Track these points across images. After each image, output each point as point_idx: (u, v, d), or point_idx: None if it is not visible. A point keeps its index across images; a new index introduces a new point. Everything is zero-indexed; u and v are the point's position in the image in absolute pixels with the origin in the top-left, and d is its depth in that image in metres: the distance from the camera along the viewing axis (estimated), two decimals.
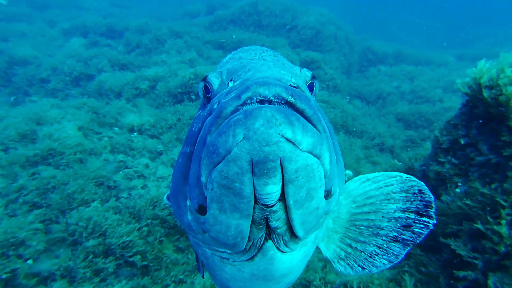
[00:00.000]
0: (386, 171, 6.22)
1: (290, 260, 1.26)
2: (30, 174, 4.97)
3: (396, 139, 8.00)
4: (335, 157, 1.07)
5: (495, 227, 3.01)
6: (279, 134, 0.79)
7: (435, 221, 1.40)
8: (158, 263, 4.77)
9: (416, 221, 1.41)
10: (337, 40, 13.44)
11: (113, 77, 8.52)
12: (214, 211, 1.00)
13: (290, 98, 0.87)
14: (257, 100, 0.87)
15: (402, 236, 1.40)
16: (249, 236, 1.07)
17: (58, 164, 5.47)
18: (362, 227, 1.45)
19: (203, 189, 0.99)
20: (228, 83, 1.08)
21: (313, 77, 1.18)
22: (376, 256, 1.43)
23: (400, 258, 1.39)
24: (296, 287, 4.12)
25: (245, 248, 1.13)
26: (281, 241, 1.14)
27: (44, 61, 9.00)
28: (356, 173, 7.27)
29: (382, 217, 1.43)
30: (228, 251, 1.22)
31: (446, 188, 3.90)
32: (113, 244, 4.55)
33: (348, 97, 10.79)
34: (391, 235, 1.41)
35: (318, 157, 0.90)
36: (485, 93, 3.45)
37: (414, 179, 1.48)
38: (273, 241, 1.14)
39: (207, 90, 1.17)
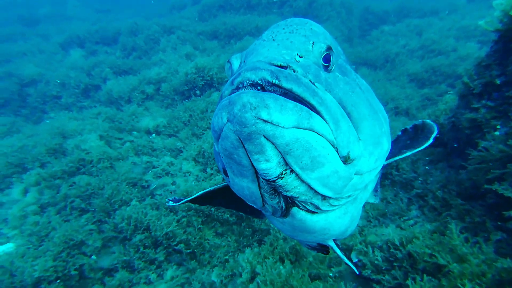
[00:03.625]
0: None
1: (325, 219, 1.42)
2: (70, 184, 5.60)
3: (411, 100, 8.23)
4: (349, 124, 1.17)
5: None
6: (254, 117, 0.93)
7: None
8: (202, 249, 5.35)
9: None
10: (333, 6, 13.47)
11: (118, 84, 9.09)
12: (230, 174, 1.23)
13: (274, 80, 1.02)
14: (248, 84, 1.04)
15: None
16: (265, 201, 1.26)
17: (90, 172, 6.09)
18: None
19: (220, 156, 1.22)
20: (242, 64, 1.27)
21: (328, 49, 1.26)
22: None
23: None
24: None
25: (264, 207, 1.32)
26: (309, 205, 1.29)
27: (50, 78, 9.68)
28: None
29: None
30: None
31: (483, 134, 3.94)
32: (159, 236, 5.13)
33: (354, 66, 11.06)
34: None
35: (310, 130, 1.02)
36: None
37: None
38: (298, 207, 1.31)
39: (232, 70, 1.36)
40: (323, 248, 2.04)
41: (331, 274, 4.06)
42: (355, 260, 3.85)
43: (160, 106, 9.04)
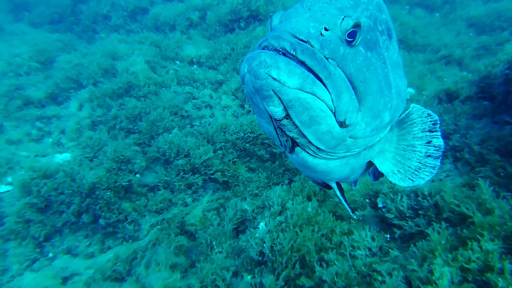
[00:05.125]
0: (456, 83, 6.18)
1: (325, 164, 1.69)
2: (119, 105, 6.15)
3: (465, 48, 7.78)
4: (352, 97, 1.37)
5: None
6: (266, 73, 1.17)
7: (441, 132, 1.88)
8: (236, 180, 5.83)
9: (432, 137, 1.88)
10: None
11: (165, 9, 9.19)
12: (256, 113, 1.51)
13: (292, 52, 1.22)
14: (272, 49, 1.24)
15: (430, 151, 1.87)
16: (279, 138, 1.54)
17: (138, 95, 6.59)
18: (404, 146, 1.95)
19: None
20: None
21: (354, 26, 1.37)
22: (419, 170, 1.88)
23: (436, 168, 1.91)
24: (364, 198, 4.91)
25: (282, 144, 1.61)
26: (309, 149, 1.56)
27: None
28: (420, 90, 7.53)
29: (413, 137, 1.91)
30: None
31: None
32: (197, 164, 5.65)
33: (408, 6, 10.32)
34: (423, 150, 1.88)
35: (312, 94, 1.24)
36: None
37: (426, 109, 1.95)
38: (300, 147, 1.58)
39: (271, 26, 1.57)
40: (328, 186, 2.31)
41: (355, 217, 4.41)
42: (380, 205, 4.14)
43: (202, 36, 9.14)
